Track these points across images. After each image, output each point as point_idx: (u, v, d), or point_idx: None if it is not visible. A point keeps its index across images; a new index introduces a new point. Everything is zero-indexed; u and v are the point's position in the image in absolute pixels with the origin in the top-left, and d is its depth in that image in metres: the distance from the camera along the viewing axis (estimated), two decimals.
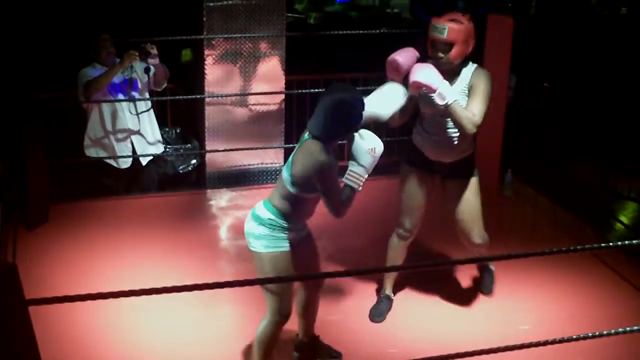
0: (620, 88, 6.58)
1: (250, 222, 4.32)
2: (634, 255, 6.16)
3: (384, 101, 4.83)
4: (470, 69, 4.90)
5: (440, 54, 4.78)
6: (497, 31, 6.81)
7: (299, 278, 4.67)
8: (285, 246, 4.29)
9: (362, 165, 4.18)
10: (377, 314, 5.46)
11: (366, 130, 4.26)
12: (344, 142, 4.35)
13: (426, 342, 5.18)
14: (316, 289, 4.72)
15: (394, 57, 4.87)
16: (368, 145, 4.17)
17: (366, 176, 4.22)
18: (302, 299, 4.72)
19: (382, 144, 4.23)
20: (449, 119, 4.89)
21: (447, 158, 5.07)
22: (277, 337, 4.49)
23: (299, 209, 4.27)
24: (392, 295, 5.59)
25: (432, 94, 4.73)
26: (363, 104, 4.18)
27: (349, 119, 4.14)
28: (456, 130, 4.92)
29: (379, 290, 5.69)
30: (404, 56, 4.87)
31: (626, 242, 3.94)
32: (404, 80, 4.90)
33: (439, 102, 4.74)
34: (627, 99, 6.50)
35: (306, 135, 4.22)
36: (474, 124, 4.74)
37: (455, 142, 5.00)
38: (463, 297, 5.77)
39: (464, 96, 4.85)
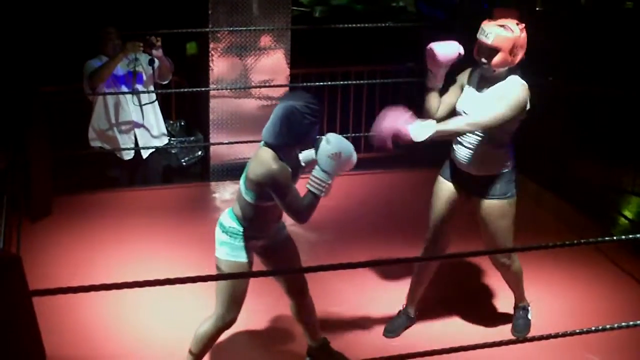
0: (624, 83, 6.57)
1: (217, 229, 4.34)
2: (636, 249, 6.15)
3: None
4: (511, 80, 4.65)
5: (483, 59, 4.58)
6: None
7: (281, 272, 4.64)
8: (244, 257, 4.28)
9: (324, 171, 4.09)
10: (391, 329, 5.26)
11: (334, 135, 4.17)
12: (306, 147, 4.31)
13: (427, 335, 5.18)
14: (301, 294, 4.62)
15: (430, 46, 4.67)
16: (332, 150, 4.08)
17: (330, 182, 4.12)
18: (292, 305, 4.66)
19: (350, 149, 4.14)
20: None
21: (473, 169, 4.79)
22: (216, 339, 4.49)
23: (260, 217, 4.24)
24: (413, 313, 5.32)
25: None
26: (315, 113, 4.08)
27: (298, 127, 4.06)
28: (483, 138, 4.68)
29: (381, 282, 5.70)
30: (443, 47, 4.66)
31: (630, 236, 3.94)
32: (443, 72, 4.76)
33: (419, 140, 4.51)
34: (631, 94, 6.49)
35: (262, 142, 4.19)
36: (476, 124, 4.52)
37: (482, 151, 4.71)
38: (465, 292, 5.78)
39: (494, 102, 4.59)
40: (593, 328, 3.94)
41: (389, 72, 8.50)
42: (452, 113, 4.77)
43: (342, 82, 8.11)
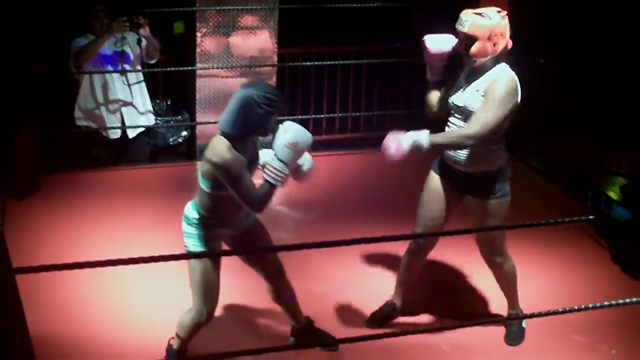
0: (613, 63, 6.58)
1: (182, 221, 4.33)
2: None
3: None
4: (494, 71, 4.48)
5: (464, 49, 4.44)
6: (492, 3, 6.78)
7: (274, 249, 4.65)
8: (210, 247, 4.27)
9: (280, 160, 4.05)
10: (372, 319, 5.15)
11: (291, 123, 4.11)
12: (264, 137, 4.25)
13: (411, 314, 5.20)
14: (278, 276, 4.60)
15: (424, 39, 4.57)
16: (289, 140, 4.03)
17: (287, 171, 4.07)
18: (270, 289, 4.64)
19: (307, 137, 4.08)
20: (463, 121, 4.53)
21: (461, 166, 4.63)
22: (196, 332, 4.48)
23: (219, 206, 4.21)
24: (398, 304, 5.18)
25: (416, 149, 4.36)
26: (273, 104, 4.04)
27: (254, 117, 4.02)
28: None
29: (365, 261, 5.70)
30: (436, 41, 4.57)
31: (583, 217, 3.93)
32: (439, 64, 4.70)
33: (423, 149, 4.37)
34: (619, 75, 6.50)
35: (218, 131, 4.15)
36: (471, 138, 4.36)
37: (472, 150, 4.53)
38: (450, 271, 5.79)
39: (479, 97, 4.45)
40: (576, 307, 3.96)
41: (377, 52, 8.50)
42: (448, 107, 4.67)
43: (329, 62, 8.09)
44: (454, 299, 5.51)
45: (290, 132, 4.06)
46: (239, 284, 5.28)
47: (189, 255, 4.26)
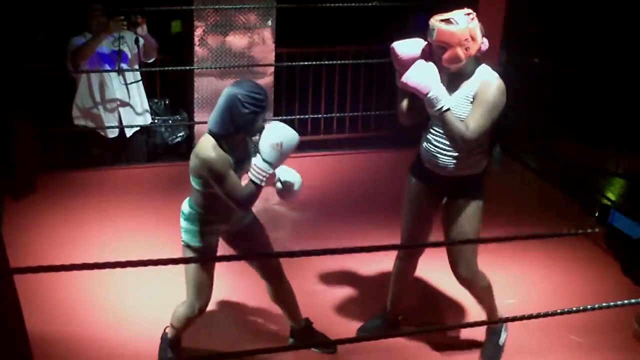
0: (610, 63, 6.59)
1: (180, 217, 4.35)
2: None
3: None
4: (479, 74, 4.33)
5: (436, 57, 4.27)
6: (489, 5, 6.77)
7: (264, 255, 4.63)
8: (205, 242, 4.29)
9: (265, 161, 4.05)
10: (364, 328, 5.04)
11: (277, 123, 4.12)
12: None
13: (412, 314, 5.19)
14: (277, 277, 4.59)
15: (392, 46, 4.38)
16: (274, 140, 4.03)
17: (271, 171, 4.07)
18: (270, 290, 4.64)
19: (293, 137, 4.07)
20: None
21: (443, 171, 4.47)
22: (189, 324, 4.52)
23: (212, 203, 4.21)
24: (394, 319, 5.04)
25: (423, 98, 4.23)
26: (258, 103, 4.05)
27: (239, 116, 4.04)
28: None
29: (363, 261, 5.68)
30: (405, 46, 4.37)
31: (587, 230, 3.94)
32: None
33: (428, 108, 4.26)
34: (616, 75, 6.51)
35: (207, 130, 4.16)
36: (464, 139, 4.21)
37: (452, 153, 4.41)
38: (448, 274, 5.77)
39: (468, 104, 4.30)
40: (574, 308, 3.95)
41: (375, 52, 8.49)
42: (426, 116, 4.47)
43: (327, 62, 8.08)
44: (452, 301, 5.50)
45: (275, 132, 4.06)
46: (238, 285, 5.28)
47: (187, 260, 4.26)
